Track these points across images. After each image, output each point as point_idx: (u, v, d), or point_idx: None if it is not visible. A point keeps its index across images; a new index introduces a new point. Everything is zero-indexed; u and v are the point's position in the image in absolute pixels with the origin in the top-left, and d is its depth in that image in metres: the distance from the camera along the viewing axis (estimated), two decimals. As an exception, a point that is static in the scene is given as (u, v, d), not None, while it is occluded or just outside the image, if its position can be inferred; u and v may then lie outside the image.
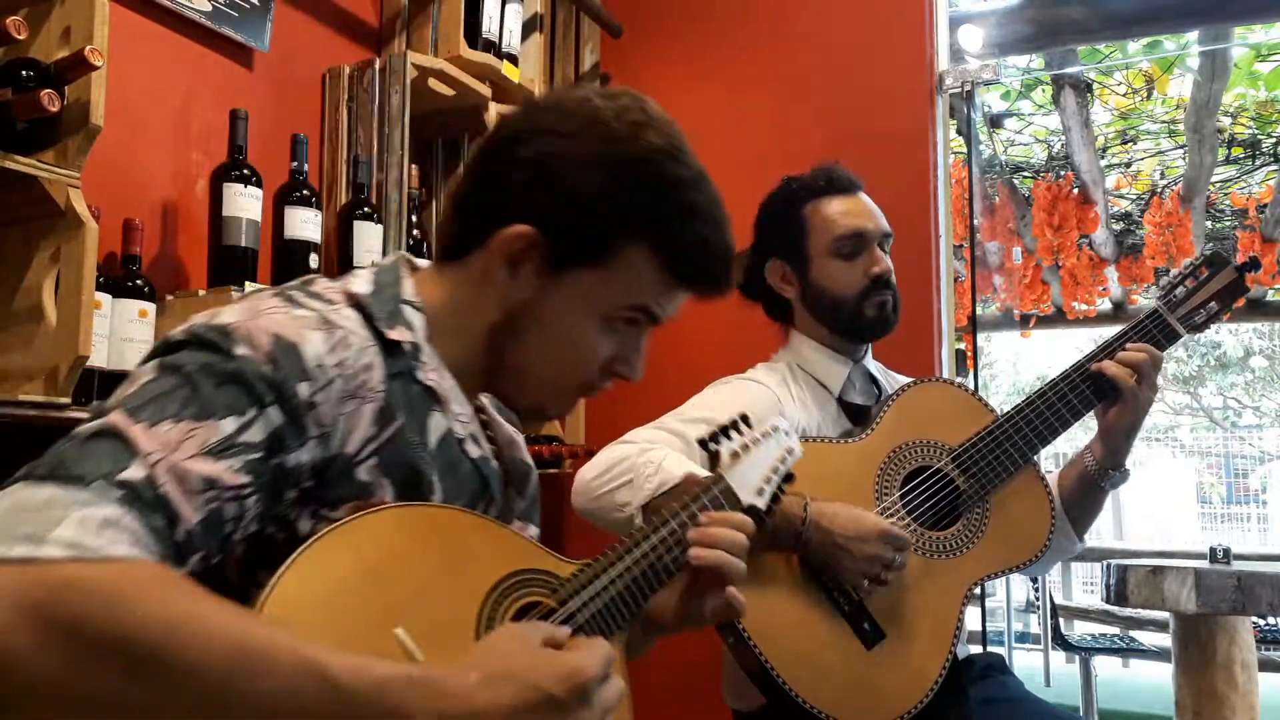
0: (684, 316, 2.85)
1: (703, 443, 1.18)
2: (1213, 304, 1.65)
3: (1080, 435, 2.15)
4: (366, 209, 1.98)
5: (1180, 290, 1.67)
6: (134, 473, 0.75)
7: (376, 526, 0.87)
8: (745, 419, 1.21)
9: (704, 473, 1.50)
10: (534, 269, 0.97)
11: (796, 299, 1.75)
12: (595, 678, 0.78)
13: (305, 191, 1.88)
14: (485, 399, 1.14)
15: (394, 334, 0.95)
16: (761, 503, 1.17)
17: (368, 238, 1.97)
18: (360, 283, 0.98)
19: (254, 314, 0.87)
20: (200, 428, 0.79)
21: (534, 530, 1.15)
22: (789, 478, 1.22)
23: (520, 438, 1.18)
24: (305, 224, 1.87)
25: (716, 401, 1.62)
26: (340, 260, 1.98)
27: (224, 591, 0.84)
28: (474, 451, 1.01)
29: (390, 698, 0.72)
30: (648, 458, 1.45)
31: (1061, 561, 1.89)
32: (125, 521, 0.72)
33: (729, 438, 1.18)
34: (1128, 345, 1.63)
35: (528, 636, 0.81)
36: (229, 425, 0.81)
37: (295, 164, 1.89)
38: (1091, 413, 1.65)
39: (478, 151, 1.02)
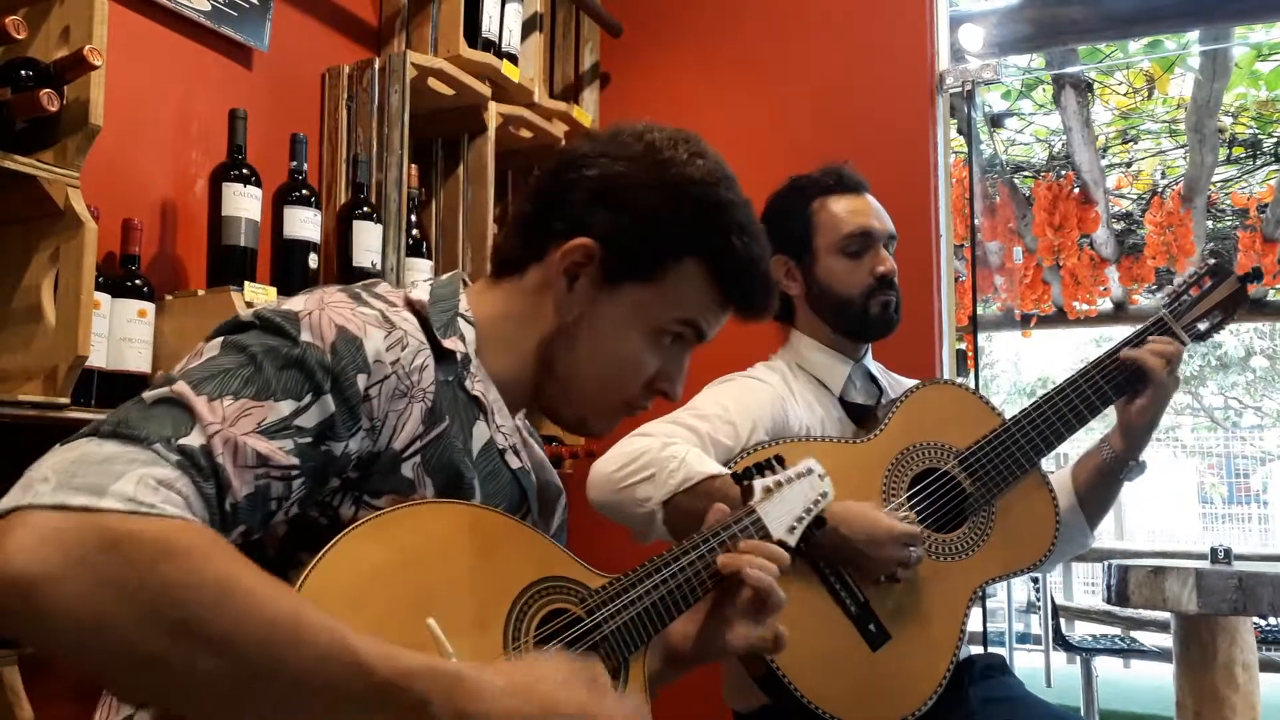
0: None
1: (736, 477, 1.20)
2: (1216, 313, 1.67)
3: (1082, 439, 2.15)
4: (366, 209, 1.98)
5: (1184, 299, 1.67)
6: (193, 440, 0.78)
7: (415, 519, 0.89)
8: (780, 460, 1.23)
9: (724, 471, 1.51)
10: (590, 282, 1.02)
11: (800, 296, 1.74)
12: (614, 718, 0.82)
13: (304, 191, 1.88)
14: (520, 421, 1.16)
15: (448, 343, 0.99)
16: (792, 540, 1.18)
17: (367, 237, 1.97)
18: (419, 292, 1.03)
19: (321, 305, 0.91)
20: (259, 407, 0.83)
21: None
22: (821, 521, 1.23)
23: (549, 462, 1.21)
24: (304, 224, 1.87)
25: (728, 399, 1.62)
26: (340, 260, 1.98)
27: (266, 567, 0.85)
28: (514, 463, 1.05)
29: (414, 688, 0.74)
30: (670, 452, 1.45)
31: (1066, 559, 1.89)
32: (180, 485, 0.75)
33: (762, 474, 1.20)
34: (1149, 339, 1.64)
35: (573, 668, 0.84)
36: (285, 408, 0.84)
37: (294, 163, 1.89)
38: (1092, 421, 1.66)
39: (541, 174, 1.09)
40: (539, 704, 0.79)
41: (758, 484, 1.19)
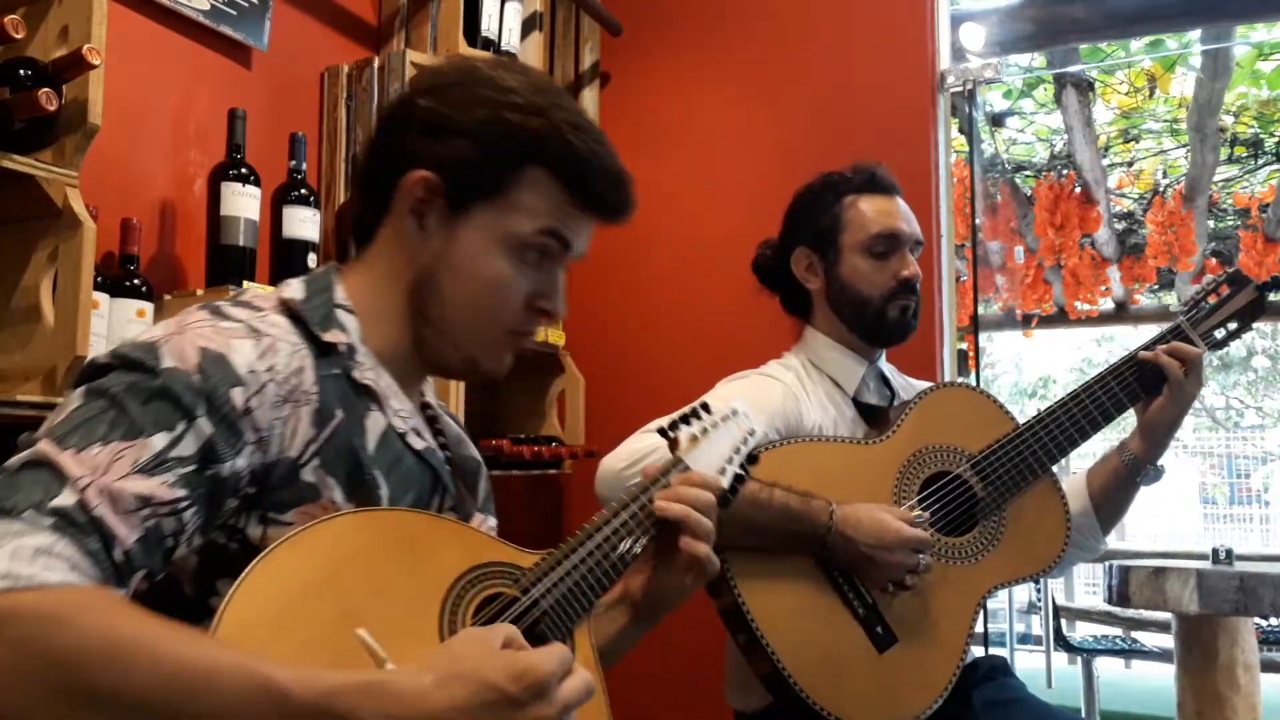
0: (686, 314, 2.85)
1: (662, 431, 1.19)
2: (1232, 322, 1.67)
3: (1089, 448, 2.15)
4: (366, 208, 1.98)
5: (1203, 306, 1.68)
6: (65, 499, 0.76)
7: (331, 533, 0.87)
8: (705, 406, 1.23)
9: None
10: (438, 216, 1.01)
11: (819, 291, 1.73)
12: (551, 674, 0.78)
13: (303, 190, 1.88)
14: (432, 398, 1.15)
15: (328, 336, 0.97)
16: (724, 482, 1.18)
17: (367, 237, 1.96)
18: (292, 289, 1.01)
19: (180, 328, 0.89)
20: (130, 447, 0.81)
21: (492, 522, 1.16)
22: (753, 459, 1.24)
23: (467, 436, 1.20)
24: (304, 223, 1.86)
25: (740, 396, 1.62)
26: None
27: (180, 605, 0.86)
28: (418, 444, 1.02)
29: (339, 705, 0.72)
30: None
31: (1077, 564, 1.89)
32: (59, 548, 0.73)
33: (688, 424, 1.20)
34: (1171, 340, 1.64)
35: (485, 637, 0.81)
36: (159, 441, 0.82)
37: (293, 163, 1.89)
38: (1105, 428, 1.66)
39: (371, 132, 1.08)
40: (472, 684, 0.76)
41: (683, 433, 1.18)
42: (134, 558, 0.79)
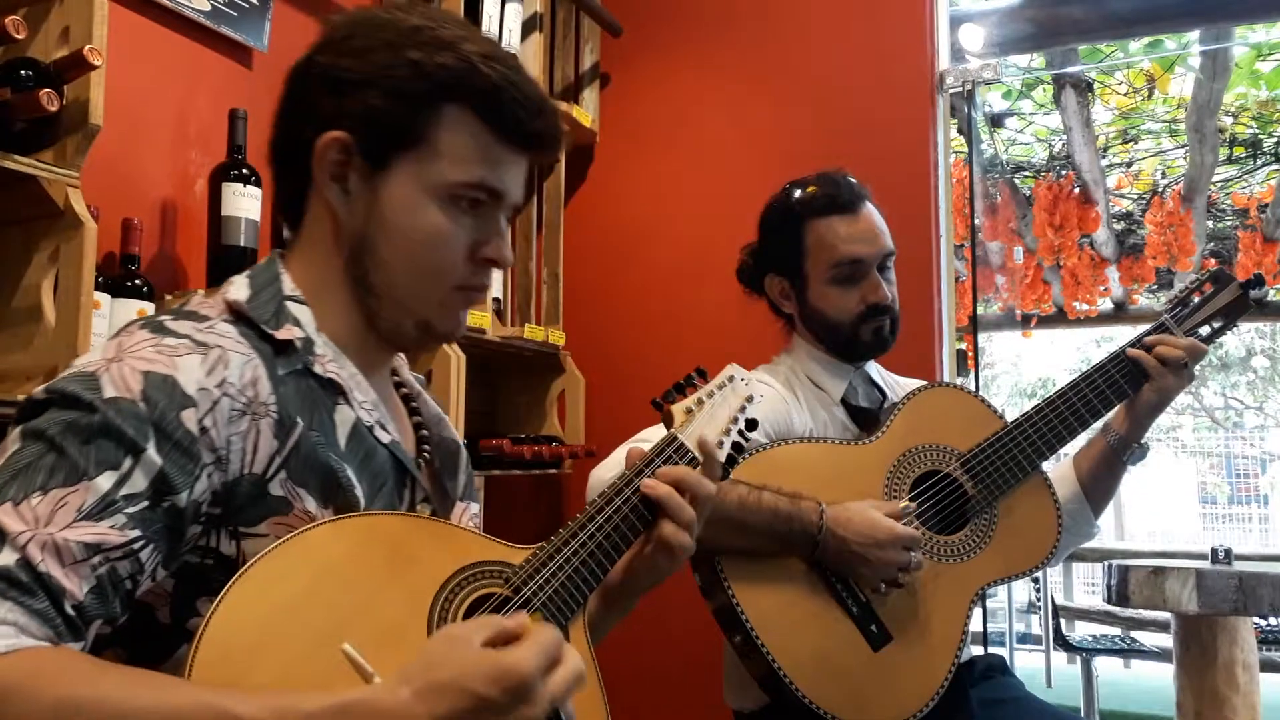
0: (686, 314, 2.84)
1: (656, 403, 1.13)
2: (1217, 320, 1.67)
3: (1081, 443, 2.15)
4: (366, 209, 1.98)
5: (1188, 303, 1.68)
6: (5, 558, 0.72)
7: (308, 545, 0.84)
8: (701, 372, 1.16)
9: None
10: (360, 175, 0.95)
11: (795, 315, 1.75)
12: (532, 673, 0.76)
13: (305, 191, 1.88)
14: (408, 374, 1.11)
15: (282, 334, 0.93)
16: (721, 455, 1.11)
17: (367, 237, 1.97)
18: (238, 289, 0.95)
19: (120, 353, 0.84)
20: (73, 492, 0.76)
21: (474, 509, 1.11)
22: (752, 425, 1.17)
23: (447, 417, 1.15)
24: (305, 224, 1.86)
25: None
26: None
27: (156, 632, 0.83)
28: (384, 437, 0.97)
29: None
30: None
31: (1074, 549, 1.90)
32: (3, 613, 0.70)
33: (683, 393, 1.13)
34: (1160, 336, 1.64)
35: (465, 638, 0.78)
36: (105, 482, 0.77)
37: (295, 164, 1.89)
38: (1093, 425, 1.67)
39: (277, 110, 1.01)
40: (452, 693, 0.74)
41: (677, 409, 1.12)
42: (87, 610, 0.75)
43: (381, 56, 0.93)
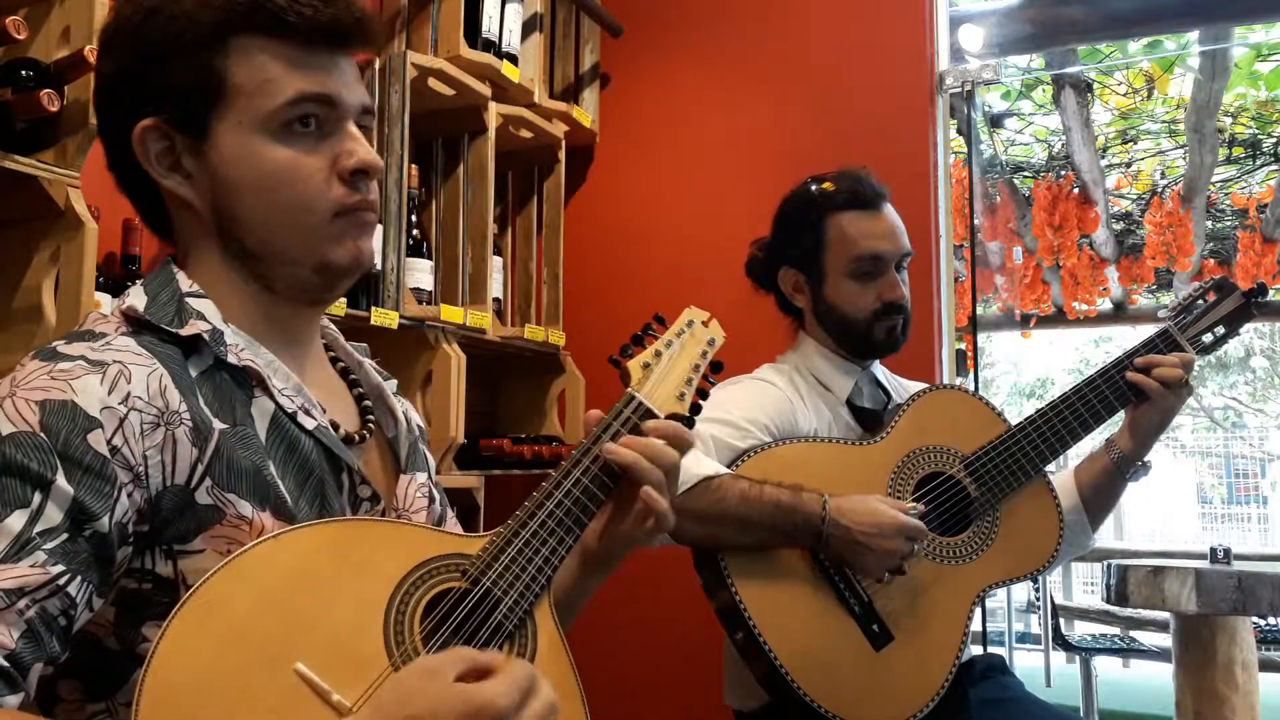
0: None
1: (613, 360, 1.08)
2: (1220, 327, 1.68)
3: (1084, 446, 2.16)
4: (366, 209, 1.98)
5: (1192, 310, 1.69)
6: None
7: (250, 565, 0.80)
8: (659, 318, 1.12)
9: (723, 471, 1.50)
10: (189, 151, 0.92)
11: (807, 309, 1.75)
12: (505, 709, 0.75)
13: (305, 191, 1.88)
14: (347, 346, 1.08)
15: (188, 330, 0.90)
16: (684, 408, 1.06)
17: (367, 238, 1.97)
18: (134, 297, 0.92)
19: (12, 388, 0.81)
20: None
21: (422, 478, 1.06)
22: (716, 367, 1.11)
23: (389, 386, 1.09)
24: (305, 224, 1.86)
25: (733, 401, 1.62)
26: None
27: (104, 660, 0.80)
28: (309, 423, 0.93)
29: None
30: None
31: (1068, 560, 1.91)
32: None
33: (640, 344, 1.08)
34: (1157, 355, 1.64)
35: (438, 671, 0.76)
36: (16, 523, 0.75)
37: (295, 164, 1.89)
38: (1096, 429, 1.67)
39: (97, 132, 0.99)
40: None
41: (634, 364, 1.06)
42: (21, 657, 0.72)
43: (142, 29, 0.91)
